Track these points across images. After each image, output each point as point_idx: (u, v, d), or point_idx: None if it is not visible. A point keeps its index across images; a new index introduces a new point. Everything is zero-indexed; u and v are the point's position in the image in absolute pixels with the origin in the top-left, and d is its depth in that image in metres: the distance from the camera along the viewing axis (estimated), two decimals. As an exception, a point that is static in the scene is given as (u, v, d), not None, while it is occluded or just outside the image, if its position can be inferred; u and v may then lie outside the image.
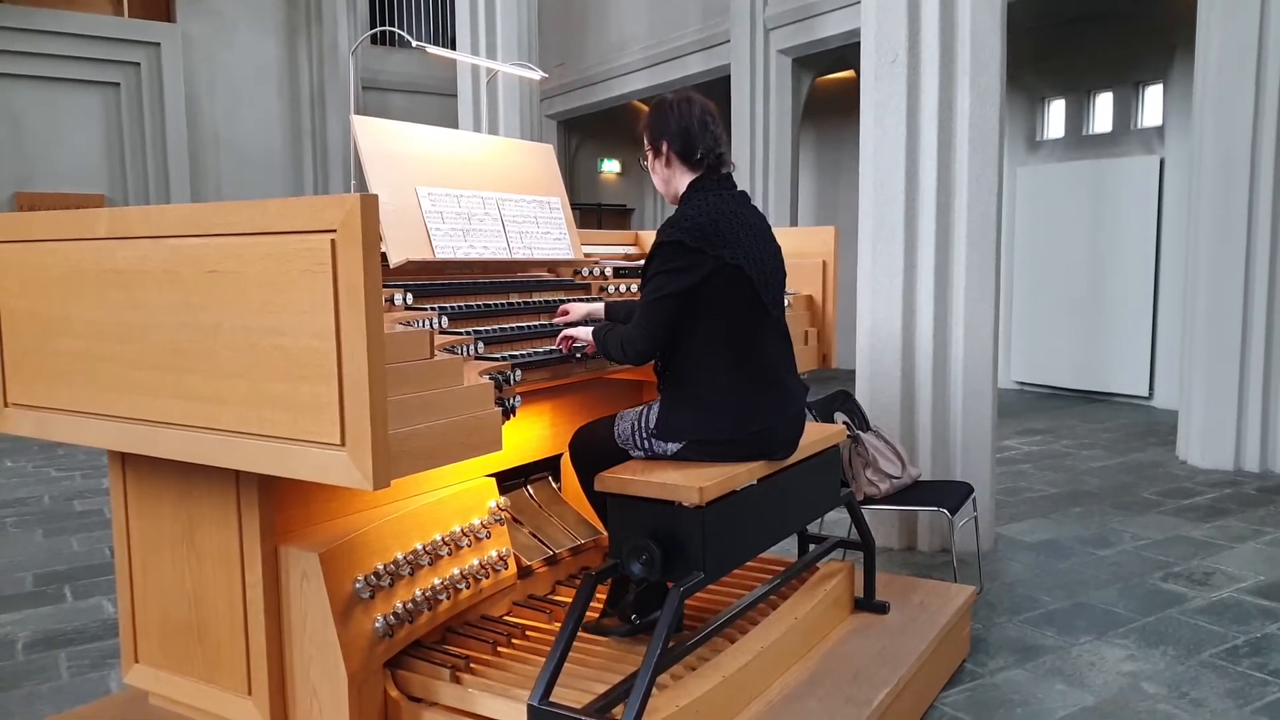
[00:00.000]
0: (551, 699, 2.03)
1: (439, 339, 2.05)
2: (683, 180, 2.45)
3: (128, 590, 2.38)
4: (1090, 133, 8.78)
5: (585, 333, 2.44)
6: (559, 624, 2.39)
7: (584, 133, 13.52)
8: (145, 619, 2.37)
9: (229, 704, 2.22)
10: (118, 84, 11.20)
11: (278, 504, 2.14)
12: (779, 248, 2.53)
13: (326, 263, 1.63)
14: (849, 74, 9.92)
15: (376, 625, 2.16)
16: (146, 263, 1.90)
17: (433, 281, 2.52)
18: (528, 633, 2.55)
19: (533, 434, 2.94)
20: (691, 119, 2.42)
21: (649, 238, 3.66)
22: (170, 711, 2.38)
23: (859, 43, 4.29)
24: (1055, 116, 9.08)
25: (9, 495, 5.67)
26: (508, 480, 2.84)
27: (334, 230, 1.62)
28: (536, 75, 5.46)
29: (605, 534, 2.75)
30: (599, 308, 2.68)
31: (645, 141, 2.50)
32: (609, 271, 3.19)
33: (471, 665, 2.31)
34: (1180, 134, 7.71)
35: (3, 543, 4.64)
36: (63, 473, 6.29)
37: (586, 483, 2.50)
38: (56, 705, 2.82)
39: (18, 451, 7.05)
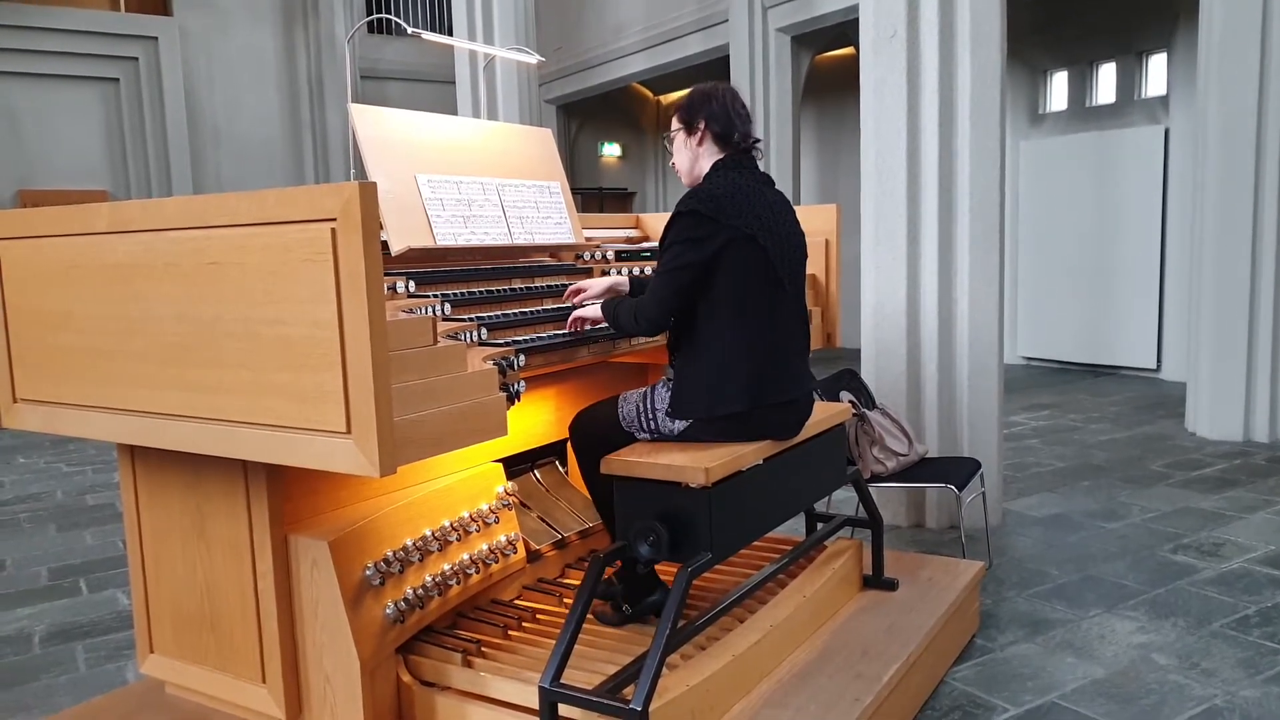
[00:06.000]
0: (562, 681, 2.04)
1: (442, 326, 2.06)
2: (708, 161, 2.48)
3: (141, 582, 2.40)
4: (1093, 104, 8.71)
5: (594, 311, 2.46)
6: (568, 607, 2.40)
7: (584, 116, 13.47)
8: (159, 610, 2.39)
9: (244, 692, 2.24)
10: (116, 79, 11.18)
11: (286, 493, 2.15)
12: (801, 231, 2.54)
13: (327, 252, 1.64)
14: (849, 51, 9.85)
15: (388, 611, 2.17)
16: (147, 256, 1.90)
17: (434, 269, 2.52)
18: (538, 616, 2.56)
19: (538, 419, 2.95)
20: (732, 107, 2.47)
21: (650, 221, 3.65)
22: (187, 701, 2.41)
23: (858, 19, 4.26)
24: (1058, 89, 9.01)
25: (22, 491, 5.72)
26: (514, 465, 2.85)
27: (334, 219, 1.62)
28: (534, 59, 5.44)
29: (600, 521, 2.76)
30: (622, 281, 2.68)
31: (678, 119, 2.52)
32: (611, 255, 3.19)
33: (483, 649, 2.33)
34: (1185, 103, 7.64)
35: (18, 538, 4.68)
36: (74, 468, 6.33)
37: (589, 468, 2.50)
38: (74, 697, 2.86)
39: (30, 448, 7.10)
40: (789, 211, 2.50)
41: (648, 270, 3.07)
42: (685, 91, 2.57)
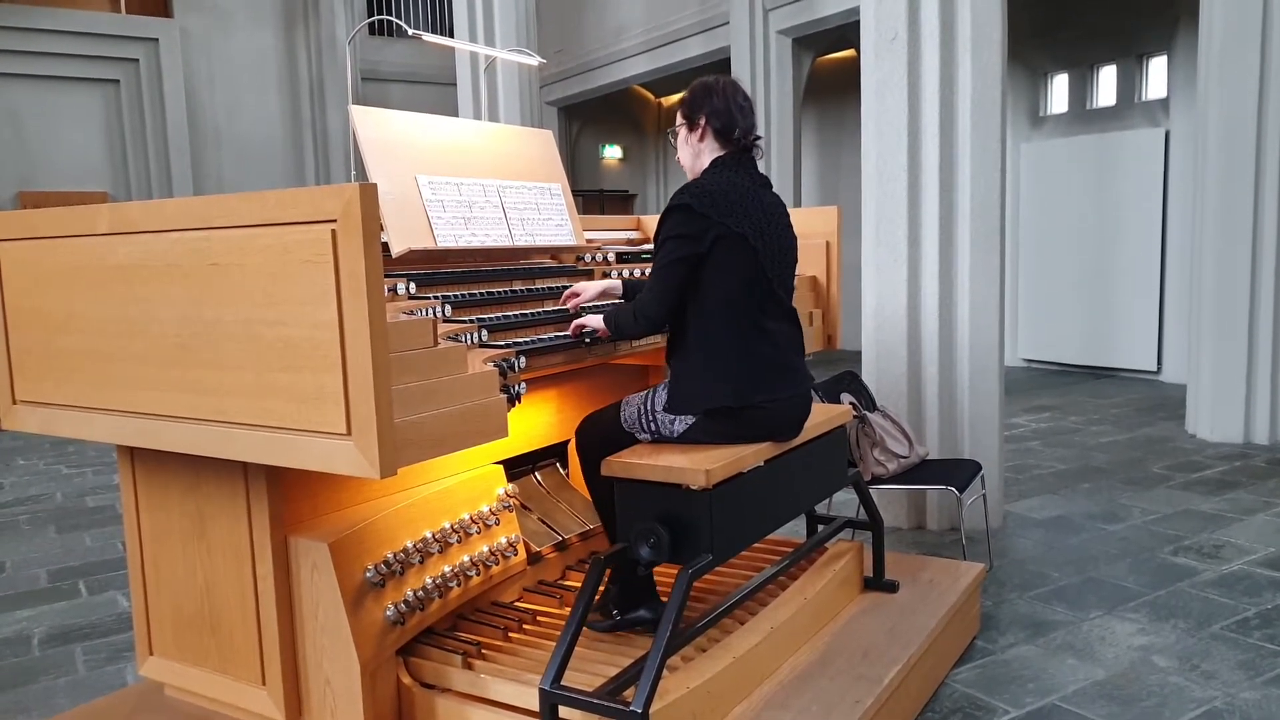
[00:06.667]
0: (563, 683, 2.04)
1: (442, 327, 2.06)
2: (709, 157, 2.47)
3: (140, 584, 2.40)
4: (1094, 107, 8.71)
5: (597, 320, 2.45)
6: (569, 609, 2.40)
7: (585, 118, 13.47)
8: (159, 612, 2.38)
9: (244, 694, 2.24)
10: (117, 81, 11.19)
11: (286, 495, 2.15)
12: (794, 236, 2.53)
13: (327, 253, 1.63)
14: (849, 53, 9.86)
15: (388, 613, 2.17)
16: (148, 257, 1.90)
17: (435, 270, 2.52)
18: (538, 618, 2.56)
19: (539, 420, 2.94)
20: (733, 101, 2.45)
21: (651, 223, 3.65)
22: (186, 703, 2.40)
23: (859, 21, 4.26)
24: (1058, 91, 9.01)
25: (22, 493, 5.71)
26: (515, 467, 2.85)
27: (334, 220, 1.62)
28: (535, 61, 5.44)
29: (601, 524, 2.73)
30: (614, 284, 2.68)
31: (681, 114, 2.51)
32: (612, 256, 3.19)
33: (483, 651, 2.33)
34: (1185, 106, 7.65)
35: (17, 540, 4.68)
36: (74, 469, 6.33)
37: (591, 470, 2.50)
38: (73, 699, 2.85)
39: (29, 449, 7.09)
40: (783, 215, 2.50)
41: (636, 273, 3.07)
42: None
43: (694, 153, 2.49)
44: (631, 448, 2.41)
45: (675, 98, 12.78)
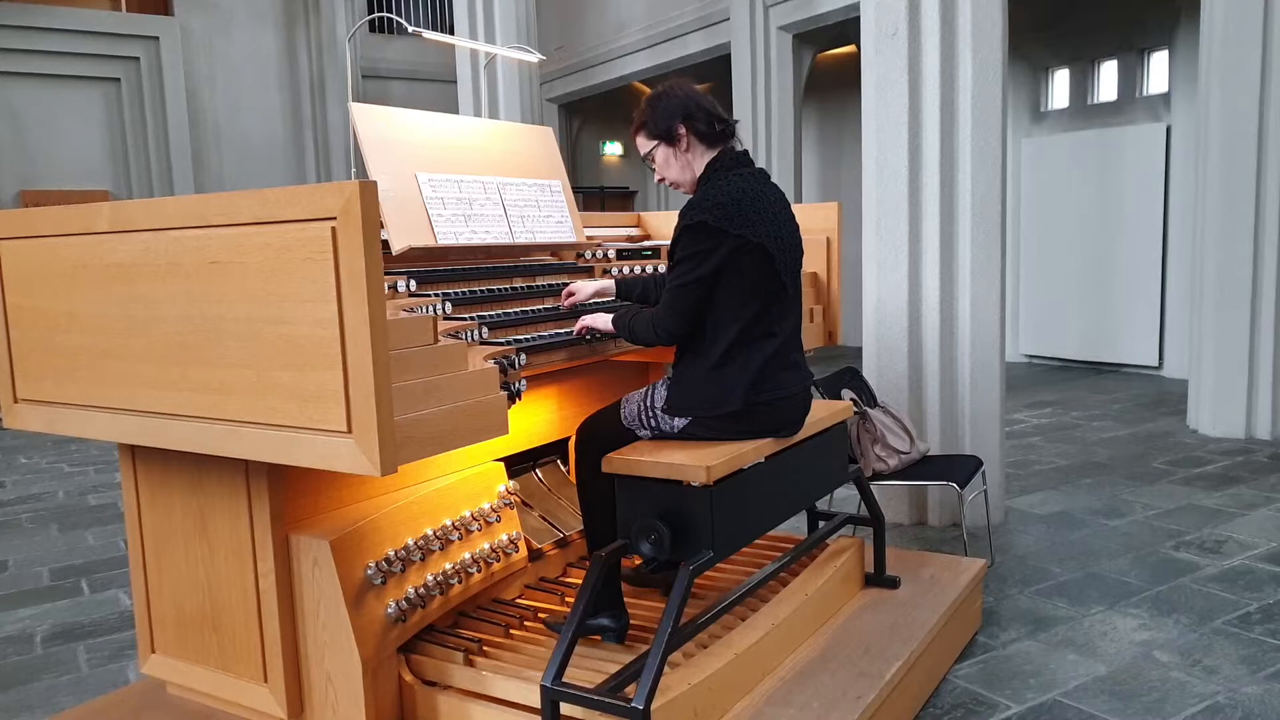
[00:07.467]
0: (564, 679, 2.04)
1: (443, 325, 2.06)
2: (701, 162, 2.41)
3: (142, 582, 2.40)
4: (1095, 102, 8.70)
5: (604, 321, 2.43)
6: (570, 606, 2.40)
7: (585, 115, 13.46)
8: (161, 610, 2.39)
9: (246, 692, 2.24)
10: (118, 79, 11.19)
11: (287, 493, 2.15)
12: (797, 226, 2.51)
13: (328, 250, 1.63)
14: (850, 49, 9.84)
15: (389, 610, 2.17)
16: (149, 256, 1.90)
17: (435, 268, 2.52)
18: (539, 614, 2.56)
19: (540, 418, 2.95)
20: (691, 96, 2.39)
21: (652, 219, 3.65)
22: (189, 700, 2.41)
23: (859, 17, 4.26)
24: (1059, 86, 9.00)
25: (24, 491, 5.72)
26: (516, 464, 2.85)
27: (334, 218, 1.62)
28: (535, 58, 5.44)
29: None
30: (608, 284, 2.67)
31: (649, 135, 2.42)
32: (612, 254, 3.19)
33: (484, 648, 2.33)
34: (1186, 100, 7.64)
35: (19, 538, 4.68)
36: (76, 468, 6.34)
37: (586, 471, 2.47)
38: (76, 697, 2.86)
39: (31, 448, 7.10)
40: (787, 208, 2.47)
41: (636, 270, 3.07)
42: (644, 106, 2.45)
43: (683, 165, 2.42)
44: (632, 445, 2.41)
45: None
